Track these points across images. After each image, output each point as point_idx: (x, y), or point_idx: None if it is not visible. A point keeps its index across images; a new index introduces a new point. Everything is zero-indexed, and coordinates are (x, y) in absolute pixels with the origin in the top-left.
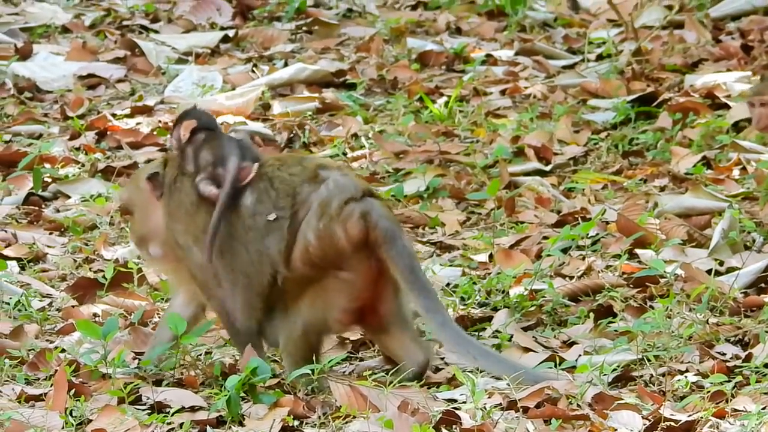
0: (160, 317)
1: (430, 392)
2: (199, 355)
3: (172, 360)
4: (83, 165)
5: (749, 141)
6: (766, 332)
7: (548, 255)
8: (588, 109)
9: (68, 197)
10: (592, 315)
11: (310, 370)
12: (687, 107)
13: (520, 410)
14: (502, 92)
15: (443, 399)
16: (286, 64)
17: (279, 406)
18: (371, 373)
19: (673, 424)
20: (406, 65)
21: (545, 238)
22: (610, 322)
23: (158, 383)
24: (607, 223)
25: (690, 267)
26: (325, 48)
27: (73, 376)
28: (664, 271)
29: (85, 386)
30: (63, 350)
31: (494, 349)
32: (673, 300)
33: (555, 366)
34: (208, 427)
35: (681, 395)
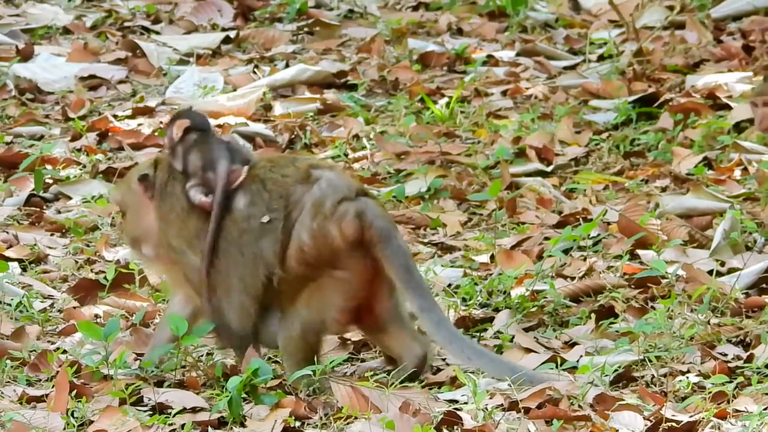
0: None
1: (431, 393)
2: (201, 356)
3: (173, 361)
4: (84, 166)
5: (750, 141)
6: None
7: (549, 256)
8: (589, 109)
9: (69, 198)
10: (593, 316)
11: (312, 371)
12: (688, 108)
13: (522, 411)
14: (504, 93)
15: (444, 400)
16: (287, 65)
17: (280, 407)
18: (373, 374)
19: (674, 424)
20: (407, 66)
21: (546, 238)
22: (612, 322)
23: (160, 384)
24: (609, 223)
25: (691, 268)
26: (327, 49)
27: (75, 377)
28: (666, 272)
29: (86, 387)
30: (64, 351)
31: (495, 349)
32: (674, 301)
33: (556, 367)
34: (209, 428)
35: (682, 396)
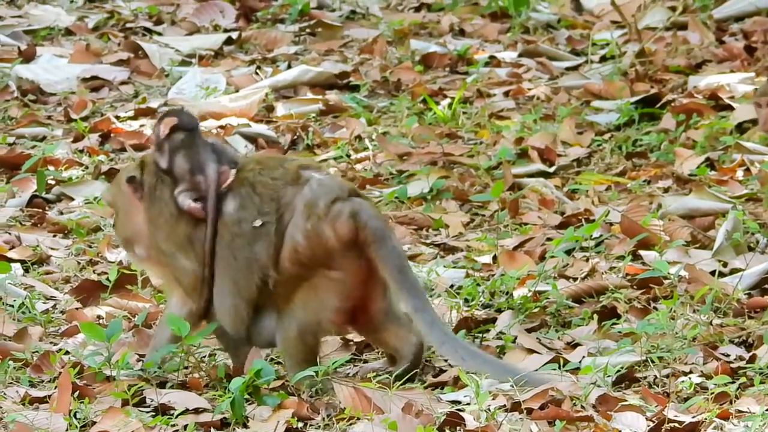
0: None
1: (434, 394)
2: (203, 357)
3: (175, 362)
4: (87, 167)
5: (753, 142)
6: None
7: (552, 256)
8: (591, 110)
9: (72, 199)
10: (595, 316)
11: (314, 371)
12: (690, 108)
13: (524, 412)
14: (506, 94)
15: (447, 401)
16: (289, 66)
17: (283, 408)
18: (375, 374)
19: (677, 425)
20: (409, 67)
21: (549, 239)
22: (614, 323)
23: (162, 385)
24: (611, 224)
25: (694, 268)
26: (329, 50)
27: (77, 379)
28: (668, 273)
29: (89, 388)
30: (67, 352)
31: (498, 350)
32: (676, 301)
33: (559, 368)
34: (212, 429)
35: (685, 396)
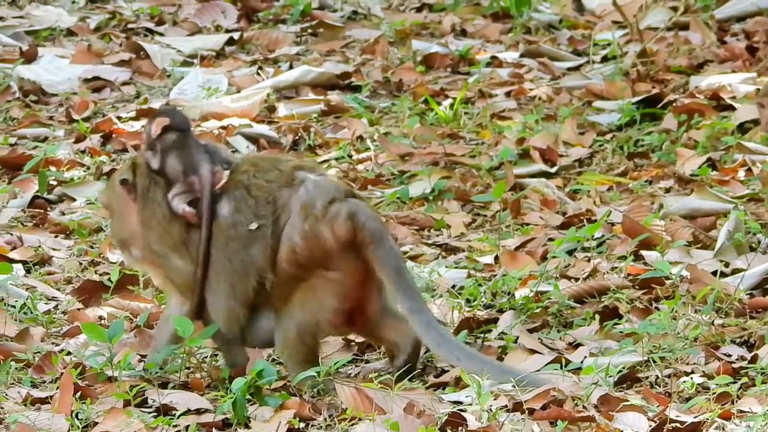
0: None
1: (435, 394)
2: (205, 357)
3: (177, 362)
4: (88, 168)
5: (754, 142)
6: None
7: (554, 257)
8: (593, 110)
9: (73, 200)
10: (597, 317)
11: (316, 372)
12: (692, 109)
13: (526, 412)
14: (507, 94)
15: (449, 401)
16: (291, 67)
17: (285, 409)
18: (377, 375)
19: (678, 425)
20: (411, 67)
21: (551, 239)
22: (616, 323)
23: (164, 386)
24: (613, 224)
25: (695, 268)
26: (330, 50)
27: (79, 379)
28: (670, 273)
29: (90, 389)
30: (69, 353)
31: (499, 350)
32: (678, 301)
33: (561, 368)
34: (214, 430)
35: (687, 397)
